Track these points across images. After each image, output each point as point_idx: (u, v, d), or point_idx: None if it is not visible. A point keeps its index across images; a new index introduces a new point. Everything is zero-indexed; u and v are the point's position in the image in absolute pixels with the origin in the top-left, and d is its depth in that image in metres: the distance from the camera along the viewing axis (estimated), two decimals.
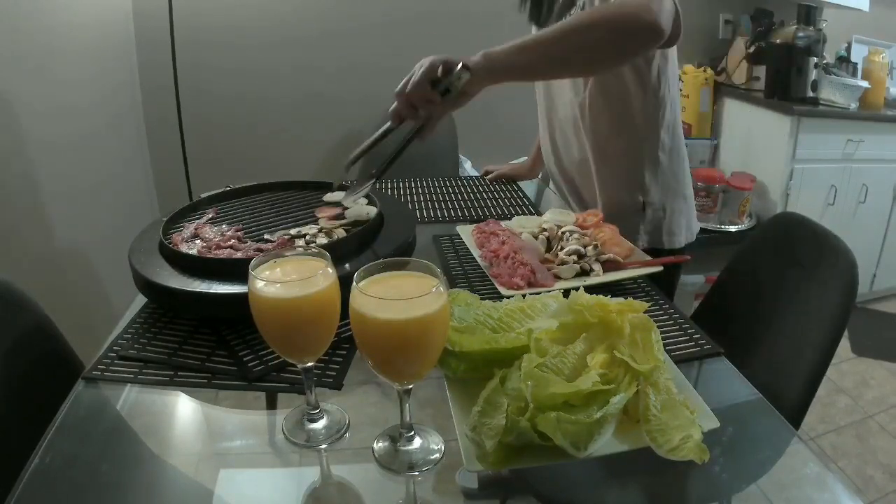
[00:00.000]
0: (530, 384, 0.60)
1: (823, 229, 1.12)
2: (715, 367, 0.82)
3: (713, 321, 1.10)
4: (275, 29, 2.36)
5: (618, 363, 0.67)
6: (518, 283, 0.95)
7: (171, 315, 0.91)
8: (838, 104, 2.53)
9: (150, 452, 0.70)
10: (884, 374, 2.38)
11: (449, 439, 0.67)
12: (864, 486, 1.80)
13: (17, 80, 1.47)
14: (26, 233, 1.50)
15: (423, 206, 1.44)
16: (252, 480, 0.68)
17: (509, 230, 1.11)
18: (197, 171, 2.35)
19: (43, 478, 0.63)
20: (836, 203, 2.61)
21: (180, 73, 2.24)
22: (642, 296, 0.99)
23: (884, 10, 2.92)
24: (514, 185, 1.61)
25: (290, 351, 0.68)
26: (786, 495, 0.65)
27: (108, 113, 2.04)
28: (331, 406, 0.73)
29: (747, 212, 2.60)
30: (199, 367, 0.80)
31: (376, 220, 1.05)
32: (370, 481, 0.65)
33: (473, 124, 2.40)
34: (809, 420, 1.99)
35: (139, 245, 0.98)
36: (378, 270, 0.63)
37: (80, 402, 0.75)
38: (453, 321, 0.74)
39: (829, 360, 0.96)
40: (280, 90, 2.45)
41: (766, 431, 0.75)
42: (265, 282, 0.63)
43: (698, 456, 0.58)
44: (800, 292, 1.09)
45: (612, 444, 0.62)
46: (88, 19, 1.89)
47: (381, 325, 0.58)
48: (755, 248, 1.26)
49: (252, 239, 1.02)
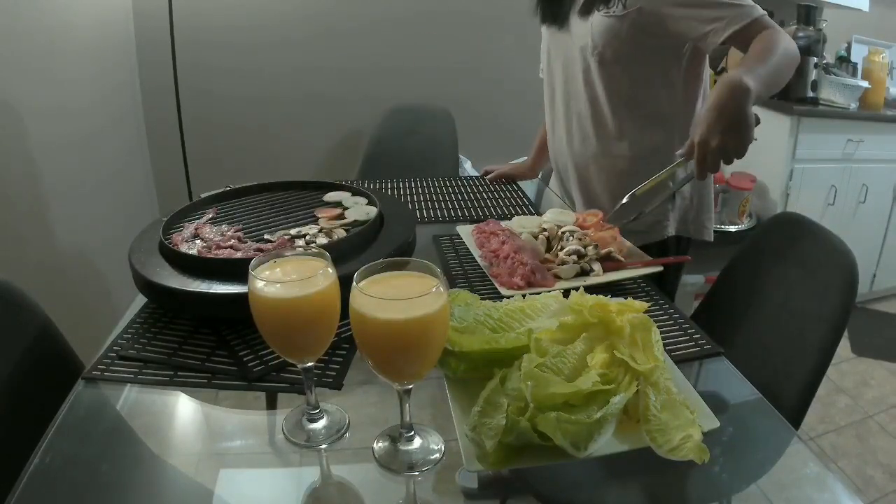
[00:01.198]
0: (530, 384, 0.60)
1: (823, 229, 1.12)
2: (715, 367, 0.82)
3: (713, 321, 1.10)
4: (275, 29, 2.36)
5: (618, 363, 0.67)
6: (518, 283, 0.95)
7: (171, 315, 0.91)
8: (838, 104, 2.53)
9: (150, 452, 0.70)
10: (884, 374, 2.38)
11: (449, 439, 0.67)
12: (864, 486, 1.80)
13: (17, 80, 1.47)
14: (26, 233, 1.50)
15: (423, 206, 1.44)
16: (252, 480, 0.68)
17: (509, 230, 1.11)
18: (197, 171, 2.35)
19: (43, 478, 0.63)
20: (836, 203, 2.61)
21: (180, 73, 2.24)
22: (642, 296, 0.99)
23: (884, 10, 2.93)
24: (514, 185, 1.61)
25: (290, 351, 0.68)
26: (786, 495, 0.65)
27: (108, 113, 2.04)
28: (331, 406, 0.73)
29: (747, 212, 2.60)
30: (199, 367, 0.80)
31: (376, 220, 1.05)
32: (370, 481, 0.65)
33: (473, 124, 2.41)
34: (809, 420, 1.99)
35: (139, 245, 0.98)
36: (378, 270, 0.63)
37: (80, 402, 0.75)
38: (453, 321, 0.74)
39: (829, 360, 0.96)
40: (280, 90, 2.45)
41: (766, 431, 0.75)
42: (265, 282, 0.63)
43: (698, 456, 0.58)
44: (800, 292, 1.09)
45: (612, 444, 0.62)
46: (88, 19, 1.89)
47: (381, 325, 0.58)
48: (755, 249, 1.26)
49: (252, 239, 1.02)
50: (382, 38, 2.45)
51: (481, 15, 2.53)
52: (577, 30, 1.26)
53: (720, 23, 1.08)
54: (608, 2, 1.19)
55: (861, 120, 2.54)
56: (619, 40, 1.19)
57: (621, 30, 1.18)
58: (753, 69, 0.97)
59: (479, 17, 2.53)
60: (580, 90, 1.30)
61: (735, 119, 0.91)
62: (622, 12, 1.17)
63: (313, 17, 2.39)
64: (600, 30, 1.20)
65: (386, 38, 2.46)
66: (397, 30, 2.46)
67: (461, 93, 2.53)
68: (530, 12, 1.38)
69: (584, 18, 1.24)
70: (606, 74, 1.24)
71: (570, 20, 1.28)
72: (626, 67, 1.22)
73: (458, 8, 2.50)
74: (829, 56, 2.74)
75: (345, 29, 2.42)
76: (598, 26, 1.20)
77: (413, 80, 2.51)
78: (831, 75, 2.59)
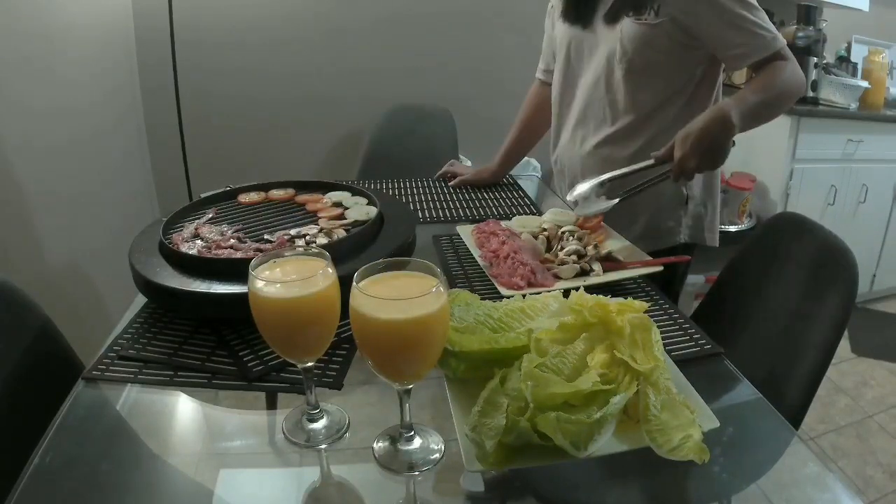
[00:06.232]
0: (530, 384, 0.60)
1: (823, 229, 1.12)
2: (715, 367, 0.82)
3: (713, 321, 1.10)
4: (275, 29, 2.36)
5: (618, 363, 0.67)
6: (518, 283, 0.95)
7: (171, 315, 0.91)
8: (838, 104, 2.53)
9: (150, 452, 0.70)
10: (884, 374, 2.38)
11: (449, 439, 0.67)
12: (864, 486, 1.80)
13: (17, 80, 1.46)
14: (26, 233, 1.50)
15: (423, 206, 1.44)
16: (252, 480, 0.68)
17: (509, 230, 1.11)
18: (197, 171, 2.35)
19: (43, 478, 0.63)
20: (836, 203, 2.61)
21: (180, 74, 2.24)
22: (642, 296, 0.99)
23: (884, 10, 2.93)
24: (514, 185, 1.61)
25: (290, 351, 0.68)
26: (786, 495, 0.65)
27: (108, 113, 2.04)
28: (331, 406, 0.73)
29: (747, 212, 2.60)
30: (199, 367, 0.80)
31: (376, 220, 1.05)
32: (370, 481, 0.65)
33: (473, 124, 2.41)
34: (809, 420, 1.99)
35: (139, 245, 0.98)
36: (378, 270, 0.63)
37: (80, 402, 0.75)
38: (453, 321, 0.74)
39: (829, 360, 0.96)
40: (280, 90, 2.45)
41: (766, 431, 0.75)
42: (265, 282, 0.63)
43: (698, 456, 0.58)
44: (800, 292, 1.09)
45: (612, 444, 0.62)
46: (88, 20, 1.89)
47: (381, 325, 0.58)
48: (755, 249, 1.26)
49: (252, 239, 1.02)
50: (382, 38, 2.45)
51: (481, 15, 2.53)
52: (604, 34, 1.25)
53: (744, 49, 1.14)
54: (640, 9, 1.17)
55: (861, 120, 2.54)
56: (650, 48, 1.18)
57: (654, 38, 1.17)
58: (745, 106, 1.07)
59: (479, 17, 2.53)
60: (600, 95, 1.29)
61: (715, 147, 1.05)
62: (655, 21, 1.16)
63: (313, 17, 2.39)
64: (631, 36, 1.19)
65: (386, 38, 2.46)
66: (397, 30, 2.46)
67: (461, 93, 2.53)
68: (550, 10, 1.36)
69: (611, 24, 1.22)
70: (631, 81, 1.23)
71: (594, 22, 1.27)
72: (653, 76, 1.22)
73: (458, 8, 2.50)
74: (829, 56, 2.74)
75: (345, 29, 2.42)
76: (630, 32, 1.19)
77: (413, 80, 2.51)
78: (831, 75, 2.59)
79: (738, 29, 1.12)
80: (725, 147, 1.06)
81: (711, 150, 1.04)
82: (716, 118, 1.04)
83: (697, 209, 1.34)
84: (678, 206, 1.32)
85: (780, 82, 1.12)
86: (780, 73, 1.13)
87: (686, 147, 1.04)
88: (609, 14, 1.23)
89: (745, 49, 1.14)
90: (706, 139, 1.03)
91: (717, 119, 1.04)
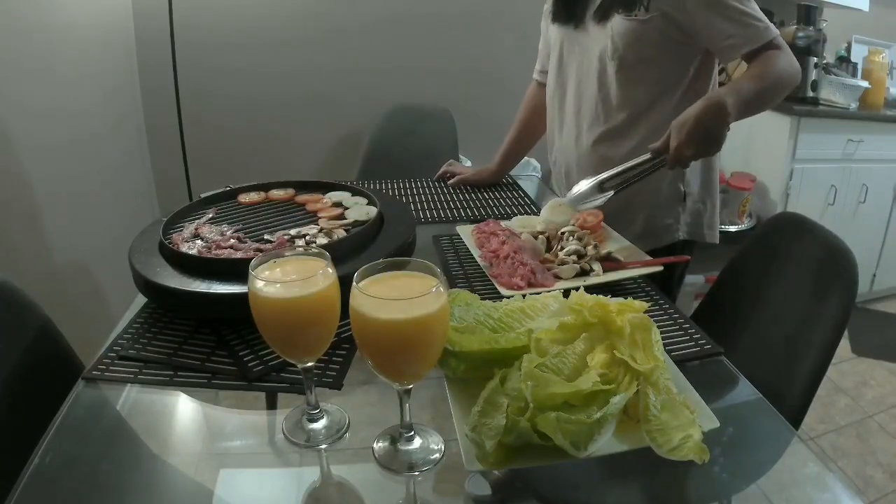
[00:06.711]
0: (530, 384, 0.60)
1: (823, 229, 1.12)
2: (715, 367, 0.82)
3: (713, 321, 1.10)
4: (275, 30, 2.36)
5: (618, 363, 0.67)
6: (518, 283, 0.95)
7: (171, 315, 0.91)
8: (838, 104, 2.53)
9: (150, 452, 0.70)
10: (884, 374, 2.38)
11: (449, 439, 0.67)
12: (864, 486, 1.80)
13: (17, 81, 1.46)
14: (26, 233, 1.50)
15: (423, 206, 1.44)
16: (252, 480, 0.68)
17: (509, 230, 1.11)
18: (197, 171, 2.35)
19: (43, 478, 0.63)
20: (836, 203, 2.61)
21: (180, 74, 2.24)
22: (642, 296, 0.99)
23: (884, 10, 2.93)
24: (513, 185, 1.61)
25: (290, 351, 0.68)
26: (786, 495, 0.65)
27: (108, 113, 2.03)
28: (331, 406, 0.73)
29: (747, 212, 2.60)
30: (199, 367, 0.80)
31: (376, 220, 1.05)
32: (370, 481, 0.65)
33: (473, 124, 2.41)
34: (809, 420, 1.99)
35: (139, 245, 0.98)
36: (378, 270, 0.63)
37: (80, 402, 0.75)
38: (453, 321, 0.74)
39: (829, 360, 0.96)
40: (280, 90, 2.45)
41: (766, 431, 0.75)
42: (265, 282, 0.63)
43: (698, 456, 0.58)
44: (800, 292, 1.09)
45: (612, 444, 0.62)
46: (88, 20, 1.88)
47: (381, 325, 0.58)
48: (755, 249, 1.26)
49: (252, 239, 1.02)
50: (382, 38, 2.45)
51: (481, 15, 2.53)
52: (595, 32, 1.25)
53: (736, 39, 1.14)
54: (629, 6, 1.18)
55: (861, 120, 2.54)
56: (642, 43, 1.19)
57: (645, 33, 1.18)
58: (739, 94, 1.07)
59: (479, 17, 2.53)
60: (593, 92, 1.29)
61: (711, 136, 1.05)
62: (646, 16, 1.17)
63: (313, 17, 2.39)
64: (622, 32, 1.19)
65: (386, 38, 2.46)
66: (397, 30, 2.46)
67: (461, 93, 2.53)
68: (545, 12, 1.36)
69: (601, 22, 1.23)
70: (624, 78, 1.24)
71: (585, 21, 1.27)
72: (645, 71, 1.22)
73: (457, 8, 2.50)
74: (829, 56, 2.74)
75: (345, 29, 2.42)
76: (620, 29, 1.19)
77: (413, 80, 2.51)
78: (831, 75, 2.59)
79: (728, 20, 1.12)
80: (720, 135, 1.06)
81: (706, 138, 1.05)
82: (710, 106, 1.04)
83: (696, 206, 1.34)
84: (676, 203, 1.32)
85: (773, 71, 1.12)
86: (774, 61, 1.13)
87: (682, 135, 1.04)
88: (599, 12, 1.23)
89: (737, 39, 1.13)
90: (701, 127, 1.04)
91: (712, 107, 1.04)
